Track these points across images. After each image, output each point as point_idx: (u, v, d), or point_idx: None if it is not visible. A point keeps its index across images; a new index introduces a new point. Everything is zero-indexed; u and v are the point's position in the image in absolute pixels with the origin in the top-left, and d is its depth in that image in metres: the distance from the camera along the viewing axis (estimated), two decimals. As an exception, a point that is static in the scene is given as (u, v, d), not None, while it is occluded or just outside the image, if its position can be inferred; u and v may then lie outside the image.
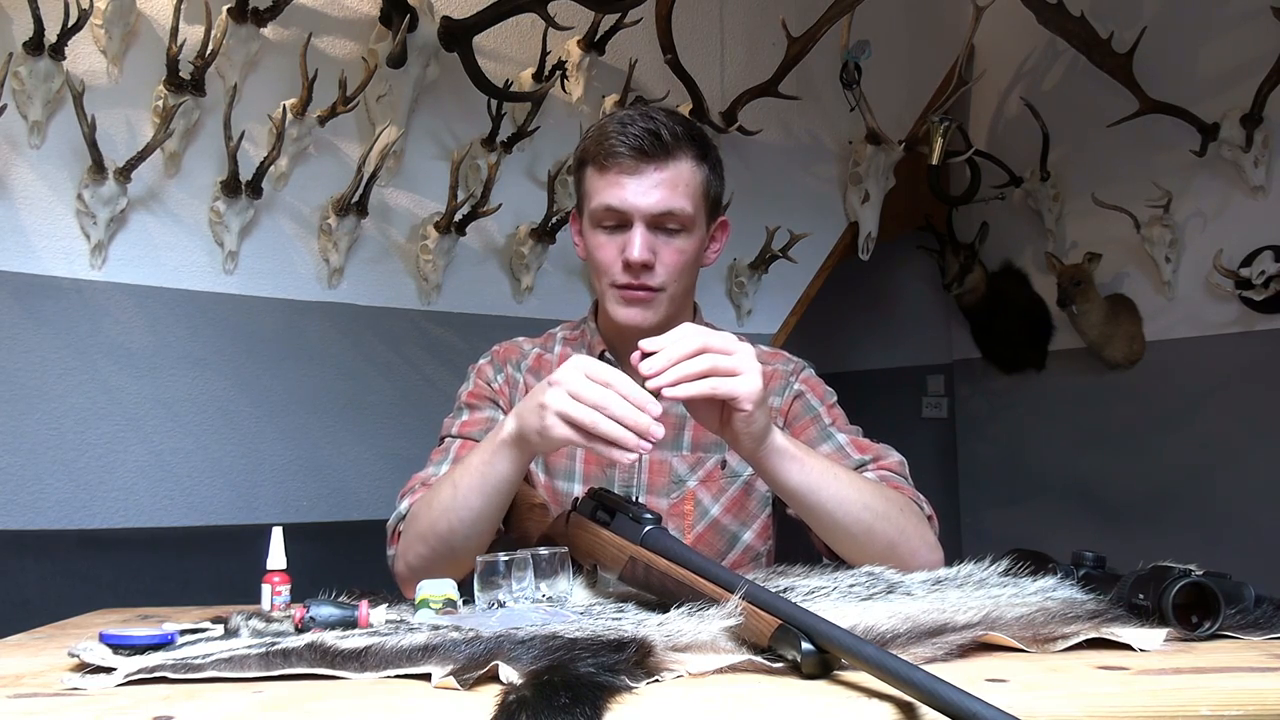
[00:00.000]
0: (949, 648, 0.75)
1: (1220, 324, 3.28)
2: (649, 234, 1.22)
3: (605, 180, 1.23)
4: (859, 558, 1.09)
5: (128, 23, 2.21)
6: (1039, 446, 3.86)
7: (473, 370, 1.39)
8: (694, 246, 1.27)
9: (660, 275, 1.24)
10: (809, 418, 1.31)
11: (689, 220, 1.24)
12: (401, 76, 2.51)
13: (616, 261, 1.24)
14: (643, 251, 1.22)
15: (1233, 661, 0.76)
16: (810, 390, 1.34)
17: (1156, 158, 3.37)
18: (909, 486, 1.23)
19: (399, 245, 2.66)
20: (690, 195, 1.24)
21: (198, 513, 2.30)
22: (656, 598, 0.91)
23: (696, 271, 1.32)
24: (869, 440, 1.30)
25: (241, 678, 0.72)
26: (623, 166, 1.21)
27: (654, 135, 1.21)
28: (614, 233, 1.24)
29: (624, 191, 1.21)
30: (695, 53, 3.14)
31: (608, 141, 1.22)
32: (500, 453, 1.06)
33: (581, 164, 1.28)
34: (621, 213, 1.22)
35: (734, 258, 3.28)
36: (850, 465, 1.24)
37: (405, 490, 1.28)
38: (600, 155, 1.23)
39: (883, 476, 1.22)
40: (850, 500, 1.08)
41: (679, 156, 1.23)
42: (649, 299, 1.25)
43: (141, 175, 2.21)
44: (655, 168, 1.21)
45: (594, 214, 1.25)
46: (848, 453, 1.26)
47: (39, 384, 2.14)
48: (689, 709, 0.64)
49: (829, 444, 1.27)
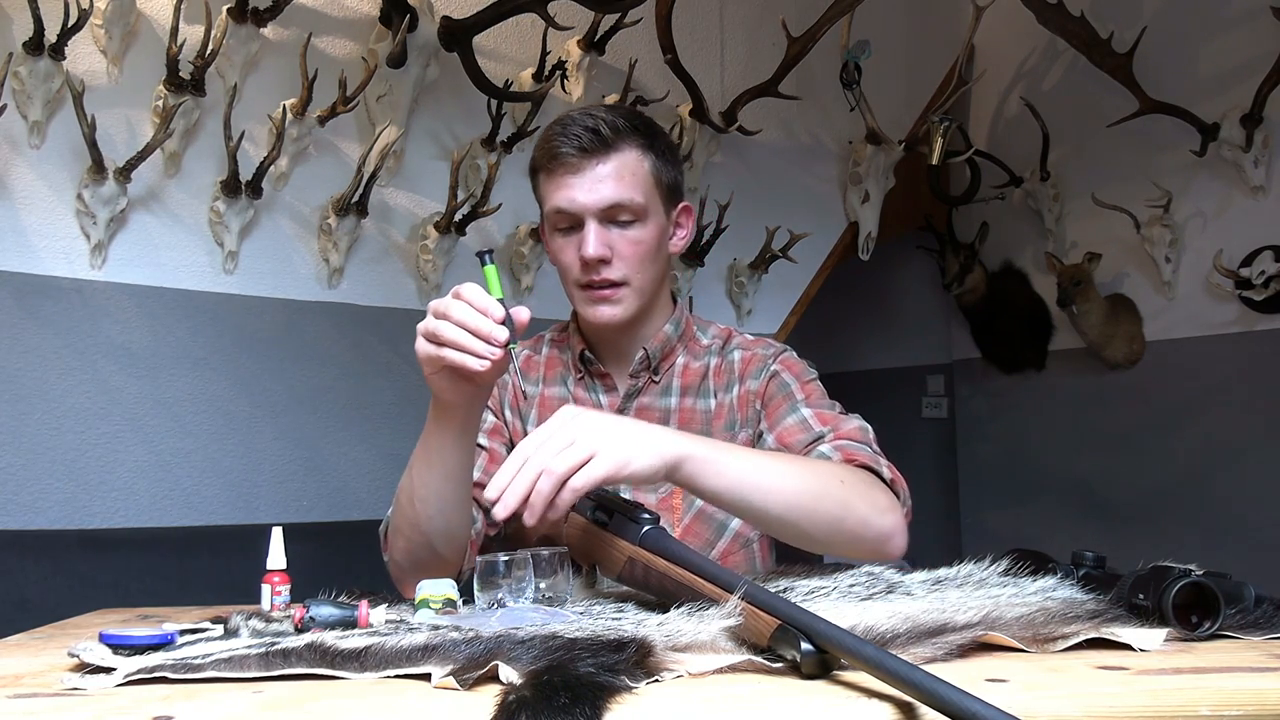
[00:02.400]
0: (949, 648, 0.75)
1: (1220, 324, 3.28)
2: (602, 229, 1.23)
3: (554, 183, 1.24)
4: (807, 543, 1.06)
5: (128, 23, 2.21)
6: (1039, 446, 3.86)
7: None
8: (652, 236, 1.26)
9: (620, 269, 1.24)
10: (782, 395, 1.29)
11: (640, 210, 1.24)
12: (401, 76, 2.51)
13: (576, 261, 1.24)
14: (597, 248, 1.22)
15: (1233, 661, 0.76)
16: (786, 369, 1.32)
17: (1156, 158, 3.37)
18: (867, 453, 1.18)
19: (399, 245, 2.66)
20: (639, 184, 1.24)
21: (198, 513, 2.30)
22: (655, 598, 0.91)
23: (664, 261, 1.31)
24: (835, 412, 1.26)
25: (241, 678, 0.72)
26: (568, 166, 1.22)
27: (592, 132, 1.21)
28: (570, 234, 1.25)
29: (571, 191, 1.22)
30: (695, 53, 3.14)
31: (550, 144, 1.23)
32: (433, 421, 1.07)
33: (534, 173, 1.29)
34: (571, 214, 1.23)
35: (734, 258, 3.28)
36: (807, 438, 1.21)
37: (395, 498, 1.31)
38: (545, 159, 1.24)
39: (839, 446, 1.18)
40: (780, 489, 1.03)
41: (621, 148, 1.23)
42: (613, 295, 1.25)
43: (141, 175, 2.21)
44: (598, 162, 1.22)
45: (549, 219, 1.26)
46: (808, 424, 1.23)
47: (39, 384, 2.14)
48: (689, 709, 0.64)
49: (793, 416, 1.25)
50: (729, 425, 1.32)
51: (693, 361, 1.35)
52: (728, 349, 1.36)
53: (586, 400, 1.34)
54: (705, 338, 1.38)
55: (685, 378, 1.34)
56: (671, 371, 1.34)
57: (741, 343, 1.37)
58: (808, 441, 1.21)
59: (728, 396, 1.32)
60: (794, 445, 1.22)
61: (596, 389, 1.34)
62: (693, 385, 1.33)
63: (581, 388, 1.34)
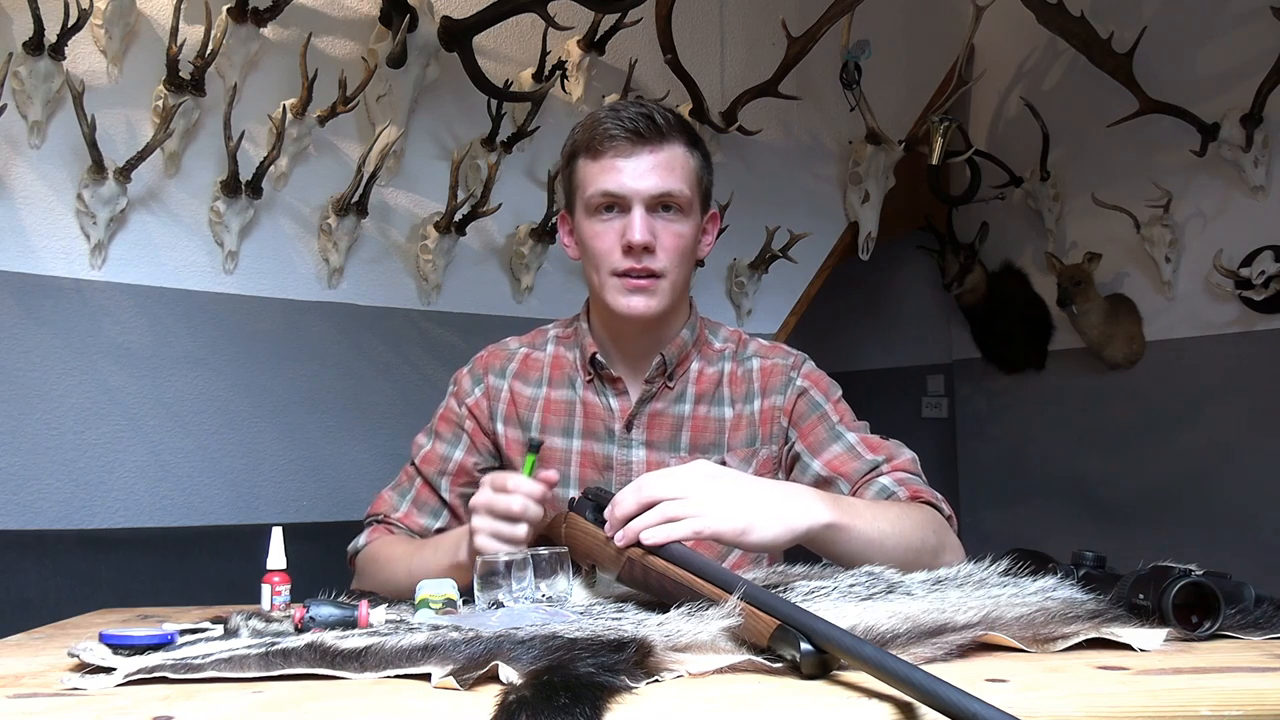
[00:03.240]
0: (949, 648, 0.75)
1: (1220, 324, 3.28)
2: (648, 217, 1.22)
3: (600, 166, 1.23)
4: None
5: (128, 23, 2.21)
6: (1039, 446, 3.86)
7: (453, 382, 1.40)
8: (691, 232, 1.26)
9: (661, 259, 1.23)
10: (815, 416, 1.29)
11: (686, 203, 1.24)
12: (401, 76, 2.51)
13: (615, 248, 1.23)
14: (644, 233, 1.21)
15: (1233, 661, 0.76)
16: (814, 386, 1.32)
17: (1156, 158, 3.37)
18: (925, 487, 1.22)
19: (399, 245, 2.66)
20: (687, 178, 1.24)
21: (198, 513, 2.30)
22: (655, 598, 0.91)
23: (694, 263, 1.31)
24: (878, 437, 1.28)
25: (241, 678, 0.72)
26: (618, 150, 1.21)
27: (648, 118, 1.21)
28: (610, 220, 1.24)
29: (621, 175, 1.21)
30: (695, 53, 3.14)
31: (601, 127, 1.22)
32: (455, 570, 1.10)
33: (572, 157, 1.27)
34: (620, 196, 1.22)
35: (734, 258, 3.28)
36: (862, 467, 1.23)
37: (371, 512, 1.37)
38: (593, 142, 1.23)
39: (900, 479, 1.21)
40: (889, 549, 1.06)
41: (673, 140, 1.23)
42: (650, 285, 1.24)
43: (141, 175, 2.21)
44: (650, 150, 1.21)
45: (589, 202, 1.24)
46: (859, 453, 1.25)
47: (39, 384, 2.14)
48: (689, 709, 0.64)
49: (838, 444, 1.26)
50: (749, 440, 1.31)
51: (707, 367, 1.34)
52: (743, 355, 1.35)
53: (596, 405, 1.32)
54: (717, 341, 1.37)
55: (700, 384, 1.32)
56: (686, 378, 1.32)
57: (758, 350, 1.36)
58: (864, 471, 1.23)
59: (747, 408, 1.31)
60: (851, 475, 1.23)
61: (607, 393, 1.32)
62: (707, 393, 1.32)
63: (591, 391, 1.32)
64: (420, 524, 1.35)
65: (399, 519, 1.35)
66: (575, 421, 1.32)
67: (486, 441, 1.35)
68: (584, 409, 1.32)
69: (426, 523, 1.35)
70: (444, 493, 1.35)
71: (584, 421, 1.31)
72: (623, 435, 1.30)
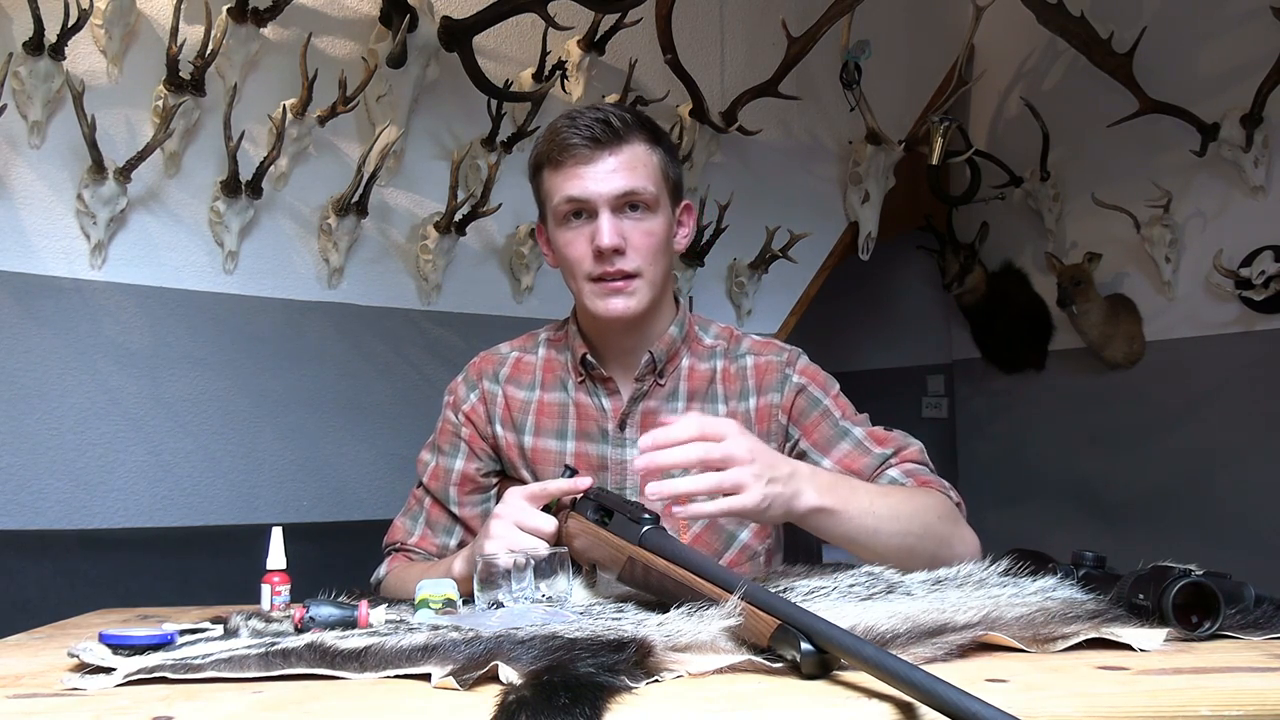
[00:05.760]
0: (949, 648, 0.75)
1: (1220, 324, 3.28)
2: (615, 219, 1.22)
3: (563, 175, 1.23)
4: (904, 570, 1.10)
5: (128, 23, 2.21)
6: (1039, 446, 3.86)
7: (449, 393, 1.40)
8: (662, 227, 1.26)
9: (633, 259, 1.24)
10: (817, 414, 1.29)
11: (653, 200, 1.24)
12: (401, 76, 2.51)
13: (587, 254, 1.24)
14: (612, 236, 1.21)
15: (1233, 661, 0.76)
16: (812, 381, 1.32)
17: (1156, 158, 3.37)
18: (934, 476, 1.23)
19: (399, 245, 2.66)
20: (650, 175, 1.24)
21: (198, 513, 2.30)
22: (655, 597, 0.91)
23: (670, 256, 1.31)
24: (882, 429, 1.29)
25: (241, 678, 0.72)
26: (579, 157, 1.22)
27: (603, 123, 1.22)
28: (579, 227, 1.24)
29: (584, 181, 1.22)
30: (695, 53, 3.14)
31: (559, 137, 1.23)
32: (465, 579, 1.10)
33: (537, 169, 1.29)
34: (584, 201, 1.22)
35: (734, 258, 3.28)
36: (872, 462, 1.24)
37: (388, 541, 1.39)
38: (554, 152, 1.24)
39: (908, 471, 1.22)
40: (890, 531, 1.08)
41: (631, 140, 1.23)
42: (627, 286, 1.24)
43: (141, 175, 2.21)
44: (610, 153, 1.22)
45: (557, 211, 1.25)
46: (867, 447, 1.25)
47: (39, 384, 2.14)
48: (689, 709, 0.64)
49: (846, 441, 1.26)
50: None
51: (698, 364, 1.34)
52: (736, 352, 1.35)
53: (589, 405, 1.32)
54: (708, 338, 1.37)
55: (692, 381, 1.32)
56: (678, 374, 1.32)
57: (751, 346, 1.36)
58: (875, 466, 1.24)
59: (742, 405, 1.31)
60: (861, 471, 1.23)
61: (599, 393, 1.32)
62: (700, 389, 1.32)
63: (583, 392, 1.32)
64: (436, 545, 1.37)
65: (415, 544, 1.37)
66: (569, 423, 1.32)
67: (485, 446, 1.36)
68: (577, 410, 1.32)
69: (442, 542, 1.37)
70: (453, 506, 1.36)
71: (577, 423, 1.32)
72: (616, 435, 1.30)
